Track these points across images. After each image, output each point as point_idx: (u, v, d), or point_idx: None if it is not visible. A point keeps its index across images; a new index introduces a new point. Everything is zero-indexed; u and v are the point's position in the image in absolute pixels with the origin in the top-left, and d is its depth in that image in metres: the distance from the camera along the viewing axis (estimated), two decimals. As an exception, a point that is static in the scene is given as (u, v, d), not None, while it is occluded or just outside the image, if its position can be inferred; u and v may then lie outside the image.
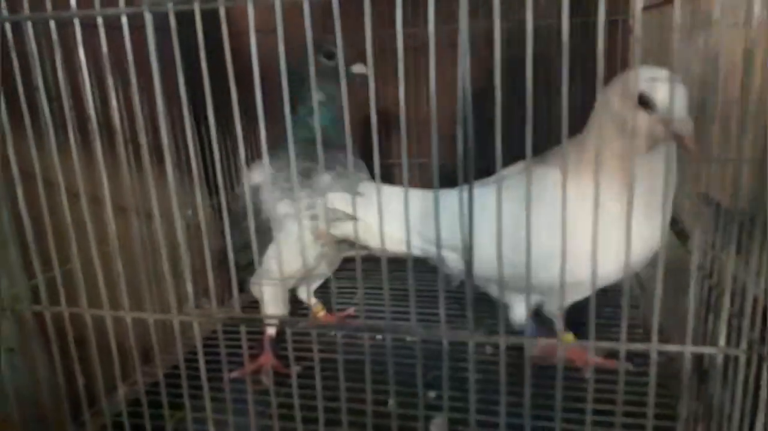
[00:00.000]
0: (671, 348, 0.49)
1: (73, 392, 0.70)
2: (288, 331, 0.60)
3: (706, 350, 0.51)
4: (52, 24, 0.56)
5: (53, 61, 0.59)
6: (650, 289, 0.88)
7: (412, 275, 0.55)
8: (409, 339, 0.71)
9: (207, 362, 0.63)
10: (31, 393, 0.74)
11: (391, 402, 0.74)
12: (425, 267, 1.16)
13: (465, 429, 0.60)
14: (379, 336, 0.81)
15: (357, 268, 0.56)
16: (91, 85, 0.59)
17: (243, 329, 0.61)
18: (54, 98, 0.62)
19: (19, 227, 0.64)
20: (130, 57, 0.55)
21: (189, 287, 0.59)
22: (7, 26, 0.59)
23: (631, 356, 0.67)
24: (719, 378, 0.50)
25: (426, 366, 0.79)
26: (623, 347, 0.50)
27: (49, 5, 0.56)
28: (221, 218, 1.08)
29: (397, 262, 0.66)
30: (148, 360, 0.84)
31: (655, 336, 0.50)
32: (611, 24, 1.09)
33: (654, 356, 0.50)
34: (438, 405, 0.74)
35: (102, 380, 0.68)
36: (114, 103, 0.58)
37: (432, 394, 0.80)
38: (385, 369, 0.59)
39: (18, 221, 0.65)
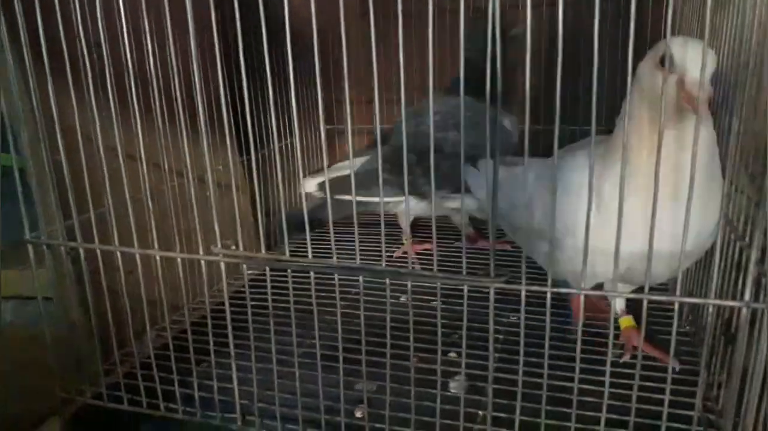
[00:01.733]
0: (694, 300, 0.49)
1: (105, 334, 0.75)
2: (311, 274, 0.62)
3: (730, 303, 0.51)
4: None
5: (91, 12, 0.62)
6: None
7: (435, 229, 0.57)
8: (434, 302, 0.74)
9: (235, 312, 0.66)
10: (65, 337, 0.78)
11: (414, 358, 0.76)
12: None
13: (484, 385, 0.62)
14: (402, 298, 0.85)
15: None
16: (128, 37, 0.62)
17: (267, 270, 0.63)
18: (92, 50, 0.65)
19: (59, 173, 0.68)
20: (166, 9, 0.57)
21: (216, 229, 0.61)
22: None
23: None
24: (745, 334, 0.51)
25: (446, 327, 0.82)
26: (645, 297, 0.51)
27: None
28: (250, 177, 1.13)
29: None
30: (178, 307, 0.88)
31: (678, 289, 0.51)
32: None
33: (676, 307, 0.50)
34: (459, 362, 0.76)
35: (132, 323, 0.72)
36: (151, 57, 0.60)
37: (453, 354, 0.82)
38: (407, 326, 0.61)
39: (58, 168, 0.68)
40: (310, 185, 1.02)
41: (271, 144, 1.10)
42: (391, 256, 1.15)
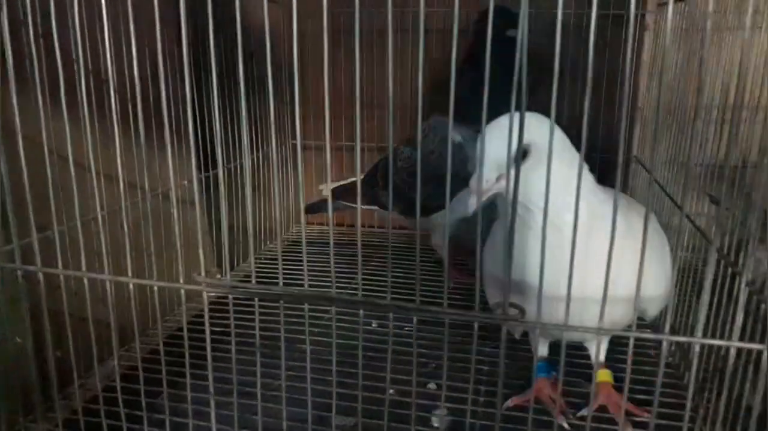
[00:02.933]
0: (681, 338, 0.49)
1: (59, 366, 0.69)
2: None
3: (718, 342, 0.51)
4: None
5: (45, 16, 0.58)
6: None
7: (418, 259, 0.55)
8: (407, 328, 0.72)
9: (197, 338, 0.62)
10: (16, 365, 0.72)
11: (391, 391, 0.75)
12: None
13: (466, 419, 0.60)
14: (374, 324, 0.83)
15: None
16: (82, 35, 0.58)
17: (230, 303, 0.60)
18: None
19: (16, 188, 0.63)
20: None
21: (201, 256, 0.58)
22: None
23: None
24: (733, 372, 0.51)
25: (426, 357, 0.81)
26: (633, 335, 0.51)
27: None
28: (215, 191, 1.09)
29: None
30: (126, 340, 0.83)
31: (667, 327, 0.51)
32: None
33: (664, 346, 0.50)
34: (439, 395, 0.74)
35: (80, 354, 0.67)
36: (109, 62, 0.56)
37: (432, 385, 0.80)
38: (384, 356, 0.59)
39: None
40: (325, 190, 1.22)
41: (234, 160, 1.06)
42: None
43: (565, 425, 0.72)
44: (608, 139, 1.13)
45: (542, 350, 0.77)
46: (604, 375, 0.76)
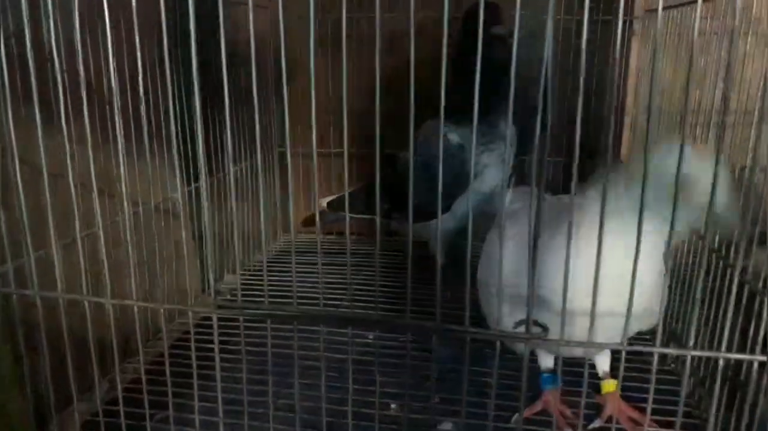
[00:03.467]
0: (672, 351, 0.50)
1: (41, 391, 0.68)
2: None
3: (709, 354, 0.52)
4: None
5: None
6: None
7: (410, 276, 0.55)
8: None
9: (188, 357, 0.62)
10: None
11: (394, 406, 0.75)
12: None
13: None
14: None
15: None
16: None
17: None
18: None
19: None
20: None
21: (210, 276, 0.58)
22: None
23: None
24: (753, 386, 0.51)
25: (424, 369, 0.81)
26: (657, 351, 0.51)
27: None
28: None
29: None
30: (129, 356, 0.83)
31: (658, 340, 0.52)
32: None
33: (655, 359, 0.51)
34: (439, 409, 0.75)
35: (74, 377, 0.66)
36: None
37: (394, 406, 0.79)
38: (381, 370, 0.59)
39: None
40: (323, 203, 1.22)
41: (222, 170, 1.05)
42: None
43: None
44: (598, 142, 1.14)
45: (547, 362, 0.78)
46: (610, 386, 0.76)
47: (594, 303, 0.48)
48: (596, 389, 0.77)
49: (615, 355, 0.76)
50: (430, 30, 0.94)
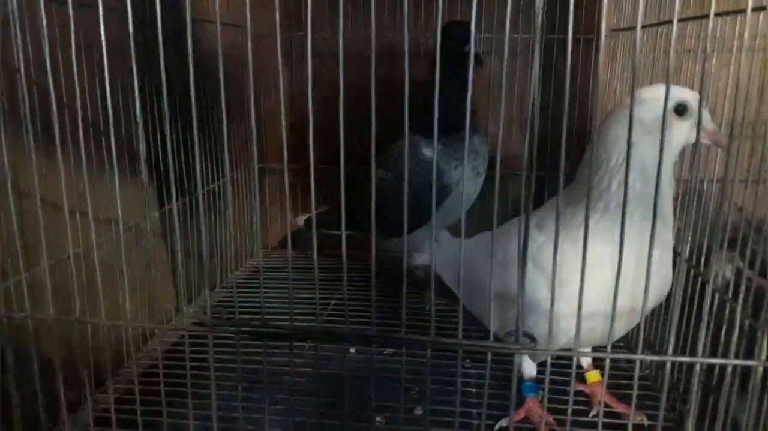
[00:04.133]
0: (653, 358, 0.52)
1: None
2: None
3: (686, 359, 0.55)
4: None
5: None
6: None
7: (405, 290, 0.56)
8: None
9: (169, 375, 0.62)
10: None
11: (379, 419, 0.76)
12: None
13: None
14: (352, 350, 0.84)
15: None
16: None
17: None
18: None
19: None
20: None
21: (208, 299, 0.57)
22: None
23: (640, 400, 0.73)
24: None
25: (410, 381, 0.82)
26: (608, 356, 0.53)
27: None
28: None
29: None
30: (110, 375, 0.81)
31: (640, 346, 0.54)
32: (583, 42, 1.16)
33: (637, 365, 0.54)
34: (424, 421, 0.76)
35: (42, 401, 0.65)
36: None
37: (419, 410, 0.81)
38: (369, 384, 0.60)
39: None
40: (300, 221, 1.27)
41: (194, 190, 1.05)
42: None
43: None
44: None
45: (530, 370, 0.80)
46: (595, 376, 0.82)
47: (578, 307, 0.50)
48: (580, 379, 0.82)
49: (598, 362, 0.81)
50: (400, 49, 0.96)
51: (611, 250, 0.54)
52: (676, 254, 0.69)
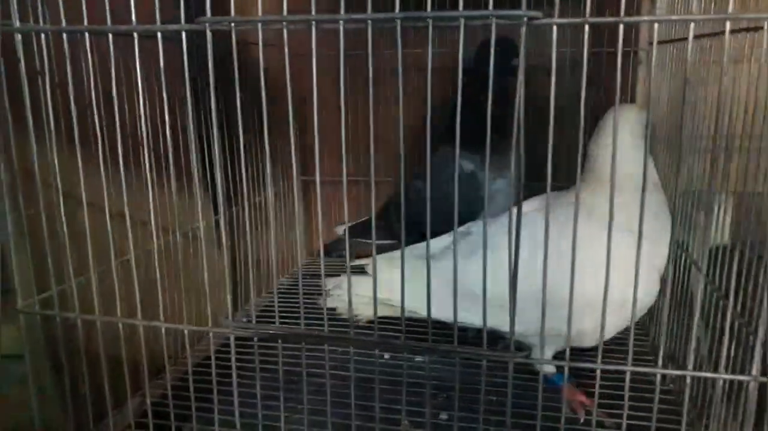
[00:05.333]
0: (673, 372, 0.54)
1: (79, 405, 0.74)
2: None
3: (709, 375, 0.56)
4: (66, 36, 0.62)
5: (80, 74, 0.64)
6: (660, 317, 0.93)
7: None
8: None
9: (216, 374, 0.68)
10: (37, 403, 0.77)
11: (405, 422, 0.79)
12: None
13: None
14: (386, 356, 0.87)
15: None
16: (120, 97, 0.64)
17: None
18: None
19: (35, 235, 0.69)
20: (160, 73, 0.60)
21: (228, 300, 0.64)
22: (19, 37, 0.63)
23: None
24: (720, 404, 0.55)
25: (437, 388, 0.85)
26: (628, 369, 0.55)
27: (63, 19, 0.61)
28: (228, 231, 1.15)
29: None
30: (156, 374, 0.88)
31: (660, 359, 0.56)
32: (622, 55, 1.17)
33: (658, 379, 0.55)
34: (450, 426, 0.79)
35: (109, 392, 0.72)
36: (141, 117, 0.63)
37: (444, 416, 0.85)
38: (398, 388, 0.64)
39: (34, 230, 0.69)
40: (339, 230, 1.33)
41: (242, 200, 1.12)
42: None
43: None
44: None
45: (550, 368, 0.87)
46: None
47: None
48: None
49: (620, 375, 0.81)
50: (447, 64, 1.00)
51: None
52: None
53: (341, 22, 0.52)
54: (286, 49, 0.56)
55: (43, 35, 0.63)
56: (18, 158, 0.67)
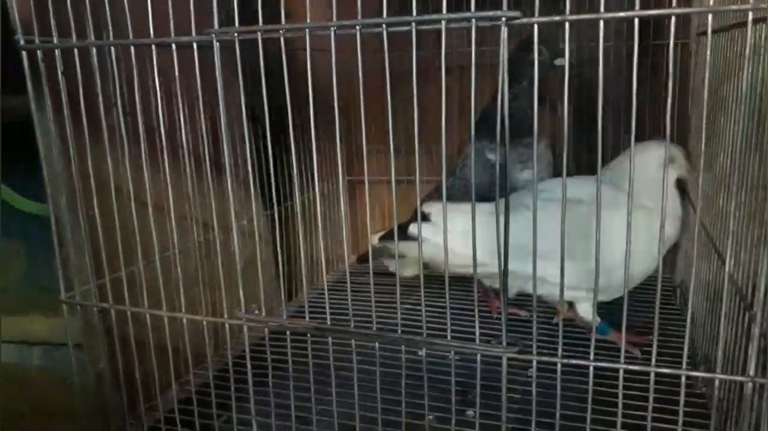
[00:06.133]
0: (699, 374, 0.52)
1: (131, 388, 0.80)
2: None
3: (737, 378, 0.54)
4: (132, 49, 0.68)
5: (129, 81, 0.70)
6: (698, 319, 0.90)
7: (449, 292, 0.61)
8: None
9: (254, 366, 0.71)
10: (92, 387, 0.84)
11: (430, 417, 0.80)
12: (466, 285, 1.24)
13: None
14: (420, 353, 0.89)
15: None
16: (161, 102, 0.70)
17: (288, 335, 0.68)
18: (127, 114, 0.73)
19: (93, 232, 0.75)
20: (198, 78, 0.64)
21: (241, 293, 0.67)
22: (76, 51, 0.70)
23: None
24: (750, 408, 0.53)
25: (465, 385, 0.86)
26: (653, 370, 0.54)
27: (131, 32, 0.68)
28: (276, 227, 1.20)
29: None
30: (200, 362, 0.93)
31: (684, 362, 0.54)
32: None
33: (683, 380, 0.54)
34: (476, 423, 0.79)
35: (157, 378, 0.78)
36: (182, 120, 0.68)
37: (470, 412, 0.85)
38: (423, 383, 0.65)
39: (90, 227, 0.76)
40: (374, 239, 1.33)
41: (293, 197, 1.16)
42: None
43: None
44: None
45: (587, 314, 0.99)
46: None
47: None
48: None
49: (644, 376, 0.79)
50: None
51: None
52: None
53: (333, 28, 0.57)
54: (307, 51, 0.58)
55: (94, 49, 0.69)
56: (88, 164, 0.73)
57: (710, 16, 0.51)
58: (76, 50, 0.69)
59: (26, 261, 1.20)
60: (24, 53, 0.71)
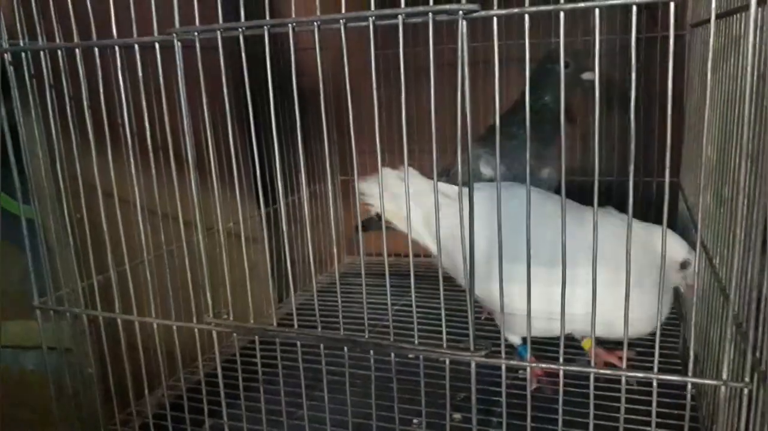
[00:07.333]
0: (671, 378, 0.51)
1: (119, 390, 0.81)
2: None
3: (707, 382, 0.52)
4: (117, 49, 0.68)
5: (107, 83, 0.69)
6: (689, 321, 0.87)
7: (414, 293, 0.60)
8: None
9: (232, 373, 0.71)
10: (81, 389, 0.84)
11: (416, 421, 0.79)
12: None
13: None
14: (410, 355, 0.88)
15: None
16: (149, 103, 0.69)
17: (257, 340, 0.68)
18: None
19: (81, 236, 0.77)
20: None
21: (209, 298, 0.67)
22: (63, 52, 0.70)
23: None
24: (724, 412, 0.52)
25: (453, 388, 0.85)
26: (655, 378, 0.53)
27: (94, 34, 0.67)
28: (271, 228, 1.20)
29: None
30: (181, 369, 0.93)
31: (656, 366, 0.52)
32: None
33: (655, 384, 0.52)
34: (463, 428, 0.78)
35: (131, 385, 0.78)
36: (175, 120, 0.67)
37: (458, 416, 0.84)
38: (411, 387, 0.65)
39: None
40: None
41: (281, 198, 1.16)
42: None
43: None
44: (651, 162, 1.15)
45: (515, 340, 0.95)
46: (588, 342, 0.97)
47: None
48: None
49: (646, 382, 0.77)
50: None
51: None
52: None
53: (317, 23, 0.55)
54: (292, 47, 0.57)
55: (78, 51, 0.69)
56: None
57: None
58: (43, 53, 0.69)
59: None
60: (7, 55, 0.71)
